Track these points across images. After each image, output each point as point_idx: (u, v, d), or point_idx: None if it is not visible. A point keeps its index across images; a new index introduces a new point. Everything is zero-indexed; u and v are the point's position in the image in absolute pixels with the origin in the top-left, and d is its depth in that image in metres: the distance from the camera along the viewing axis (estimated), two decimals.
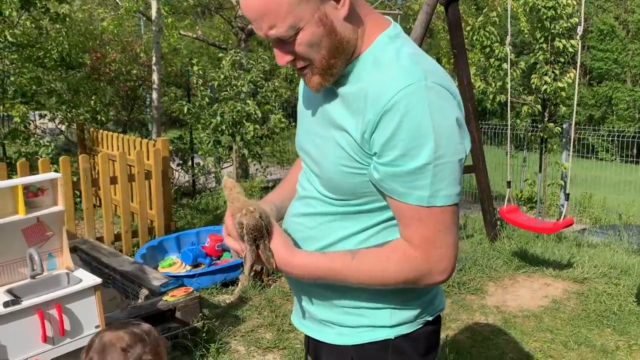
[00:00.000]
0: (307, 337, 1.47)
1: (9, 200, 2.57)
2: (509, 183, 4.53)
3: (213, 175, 7.87)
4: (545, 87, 6.32)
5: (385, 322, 1.29)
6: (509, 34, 4.20)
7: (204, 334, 3.34)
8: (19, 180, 2.61)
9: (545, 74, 6.35)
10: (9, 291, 2.48)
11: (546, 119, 6.72)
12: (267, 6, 1.10)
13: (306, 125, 1.36)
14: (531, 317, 3.78)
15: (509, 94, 4.00)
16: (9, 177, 4.21)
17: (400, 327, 1.29)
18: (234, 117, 6.21)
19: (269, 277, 4.43)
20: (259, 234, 1.20)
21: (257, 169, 7.31)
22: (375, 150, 1.14)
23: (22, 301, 2.39)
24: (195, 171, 7.50)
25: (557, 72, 6.33)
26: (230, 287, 4.33)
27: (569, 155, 6.67)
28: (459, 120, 1.15)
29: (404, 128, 1.10)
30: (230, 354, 3.33)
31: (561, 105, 6.54)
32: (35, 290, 2.51)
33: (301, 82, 1.44)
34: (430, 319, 1.33)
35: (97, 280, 2.62)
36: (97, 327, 2.64)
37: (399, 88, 1.10)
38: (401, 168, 1.12)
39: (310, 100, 1.35)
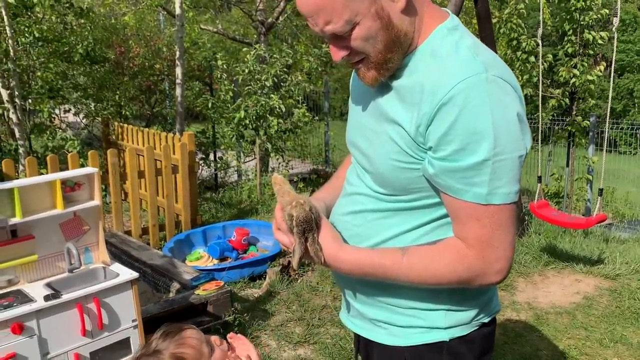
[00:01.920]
0: (357, 335, 1.44)
1: (47, 194, 2.59)
2: (539, 178, 4.46)
3: (235, 169, 7.89)
4: (573, 80, 6.20)
5: (439, 324, 1.25)
6: (541, 27, 4.12)
7: (235, 328, 3.35)
8: (56, 175, 2.63)
9: (575, 67, 6.23)
10: (49, 285, 2.51)
11: (574, 112, 6.61)
12: (323, 2, 1.08)
13: (357, 119, 1.33)
14: (564, 314, 3.73)
15: (540, 87, 3.92)
16: (39, 172, 4.25)
17: (455, 329, 1.25)
18: (258, 111, 6.21)
19: (296, 272, 4.43)
20: (309, 226, 1.18)
21: (279, 163, 7.30)
22: (430, 144, 1.11)
23: (62, 295, 2.41)
24: (218, 165, 7.51)
25: (585, 64, 6.21)
26: (257, 280, 4.33)
27: (595, 149, 6.58)
28: (520, 115, 1.11)
29: (461, 122, 1.06)
30: (261, 348, 3.33)
31: (590, 99, 6.43)
32: (73, 284, 2.53)
33: (352, 76, 1.42)
34: (486, 320, 1.29)
35: (134, 274, 2.63)
36: (133, 321, 2.65)
37: (457, 80, 1.06)
38: (458, 163, 1.08)
39: (361, 93, 1.32)
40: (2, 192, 2.42)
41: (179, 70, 6.74)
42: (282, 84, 6.60)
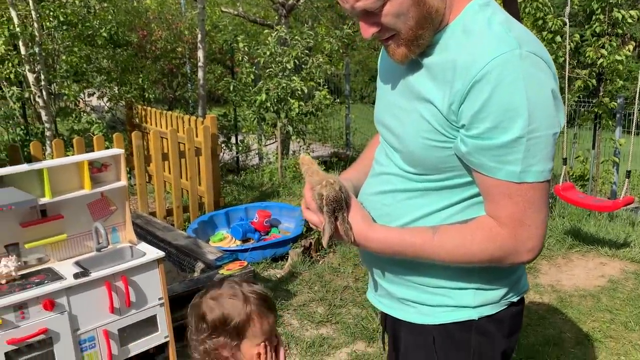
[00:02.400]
0: (384, 314, 1.45)
1: (75, 175, 2.64)
2: (564, 160, 4.39)
3: (256, 152, 7.92)
4: (601, 60, 6.06)
5: (469, 303, 1.25)
6: (569, 5, 4.02)
7: None
8: (84, 156, 2.67)
9: (602, 47, 6.08)
10: (78, 263, 2.57)
11: (601, 93, 6.47)
12: None
13: (386, 98, 1.32)
14: (588, 297, 3.70)
15: (567, 68, 3.84)
16: (65, 154, 4.33)
17: (484, 308, 1.26)
18: (279, 94, 6.21)
19: (318, 253, 4.46)
20: (338, 205, 1.18)
21: (300, 146, 7.31)
22: (463, 122, 1.10)
23: (90, 273, 2.47)
24: (240, 148, 7.55)
25: (614, 44, 6.05)
26: (279, 261, 4.38)
27: (622, 131, 6.44)
28: (554, 92, 1.10)
29: (495, 99, 1.05)
30: (284, 327, 3.38)
31: (617, 80, 6.27)
32: (101, 263, 2.59)
33: (381, 55, 1.41)
34: (515, 300, 1.29)
35: (161, 253, 2.68)
36: (160, 299, 2.71)
37: (491, 57, 1.05)
38: (492, 141, 1.07)
39: (390, 72, 1.31)
40: (32, 172, 2.47)
41: (201, 54, 6.76)
42: (303, 66, 6.57)
